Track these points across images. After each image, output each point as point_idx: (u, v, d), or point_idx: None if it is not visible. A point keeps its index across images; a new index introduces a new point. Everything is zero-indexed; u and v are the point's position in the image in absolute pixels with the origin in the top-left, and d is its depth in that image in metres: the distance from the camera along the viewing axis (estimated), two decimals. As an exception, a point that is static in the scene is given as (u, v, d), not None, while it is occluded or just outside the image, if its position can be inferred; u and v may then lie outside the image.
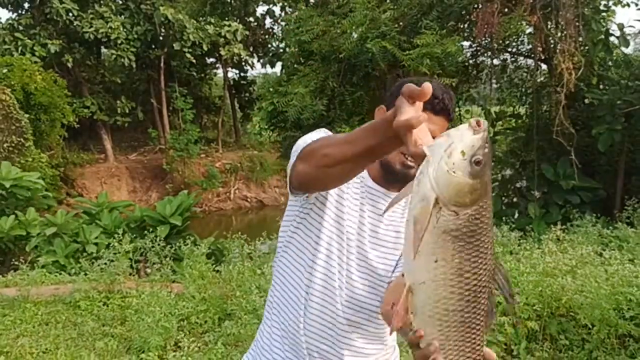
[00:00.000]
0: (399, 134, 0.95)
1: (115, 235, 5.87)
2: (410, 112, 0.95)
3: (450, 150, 0.91)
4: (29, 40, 18.23)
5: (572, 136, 6.88)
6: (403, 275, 1.02)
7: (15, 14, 19.89)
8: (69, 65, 19.40)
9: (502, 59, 9.43)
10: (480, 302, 1.00)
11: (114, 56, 19.80)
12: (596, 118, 7.29)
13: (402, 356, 1.76)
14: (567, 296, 3.94)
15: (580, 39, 7.48)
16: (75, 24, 18.67)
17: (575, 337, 3.96)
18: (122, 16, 19.83)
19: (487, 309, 1.02)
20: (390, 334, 1.19)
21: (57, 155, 17.63)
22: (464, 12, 6.54)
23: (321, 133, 1.40)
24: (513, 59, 9.61)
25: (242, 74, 25.72)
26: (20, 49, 17.89)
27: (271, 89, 8.35)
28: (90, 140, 22.75)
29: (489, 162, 0.94)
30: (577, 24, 6.52)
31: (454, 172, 0.91)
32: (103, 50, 22.96)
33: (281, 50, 18.08)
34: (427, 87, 0.93)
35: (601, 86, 8.42)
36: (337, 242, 1.48)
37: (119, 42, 19.04)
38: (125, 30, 19.34)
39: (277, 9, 21.62)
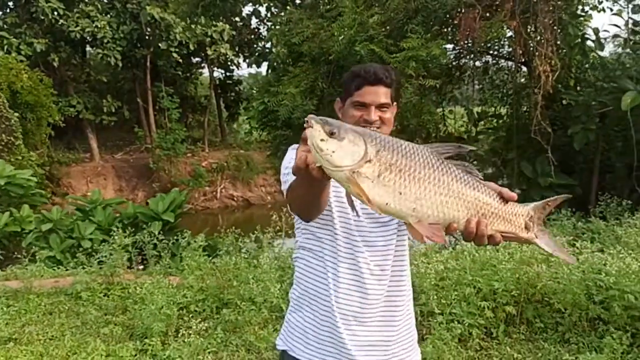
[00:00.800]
0: (302, 175, 1.31)
1: (113, 230, 6.07)
2: (296, 159, 1.30)
3: (318, 148, 1.25)
4: (14, 39, 18.23)
5: (549, 135, 7.23)
6: (406, 223, 1.32)
7: (1, 12, 19.85)
8: (55, 64, 19.41)
9: (484, 61, 9.75)
10: (452, 171, 1.32)
11: (99, 55, 19.83)
12: (572, 118, 7.66)
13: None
14: (542, 283, 4.23)
15: (558, 42, 7.85)
16: (61, 23, 18.69)
17: (549, 321, 4.25)
18: (108, 15, 19.87)
19: (462, 169, 1.34)
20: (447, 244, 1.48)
21: (43, 154, 17.60)
22: (447, 17, 6.85)
23: (294, 152, 1.66)
24: (495, 61, 9.94)
25: (227, 74, 25.90)
26: (6, 47, 17.88)
27: (261, 89, 8.60)
28: (76, 139, 22.74)
29: (335, 122, 1.29)
30: (554, 28, 6.87)
31: (333, 151, 1.23)
32: (88, 49, 22.96)
33: (267, 51, 18.28)
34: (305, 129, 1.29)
35: (578, 88, 8.79)
36: (346, 220, 1.76)
37: (105, 41, 19.11)
38: (111, 29, 19.39)
39: (262, 9, 21.78)
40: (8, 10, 19.93)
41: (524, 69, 9.01)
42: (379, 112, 1.74)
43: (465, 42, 6.57)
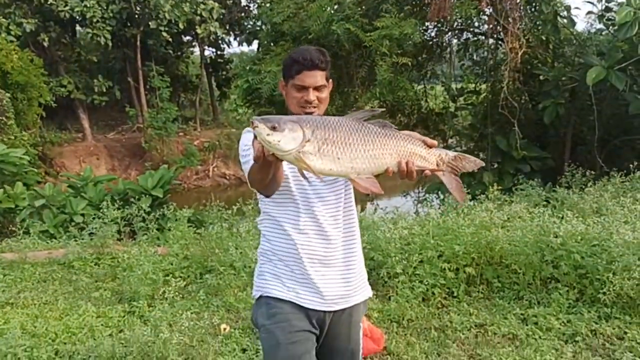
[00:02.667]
0: (260, 162, 1.70)
1: (103, 204, 6.37)
2: (255, 152, 1.67)
3: (266, 141, 1.60)
4: (4, 19, 18.25)
5: (521, 109, 7.53)
6: (350, 179, 1.70)
7: (-11, -7, 19.77)
8: (45, 44, 19.46)
9: (464, 38, 9.97)
10: (372, 130, 1.69)
11: (89, 35, 19.87)
12: (544, 93, 7.96)
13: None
14: (500, 245, 4.57)
15: (533, 20, 8.11)
16: (50, 3, 18.68)
17: (507, 281, 4.59)
18: (97, -6, 19.87)
19: (379, 126, 1.71)
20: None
21: (35, 135, 17.77)
22: (420, -3, 7.08)
23: (249, 135, 2.00)
24: (475, 38, 10.16)
25: (218, 52, 25.92)
26: (-5, 28, 17.95)
27: (247, 68, 8.83)
28: (68, 120, 22.88)
29: (274, 118, 1.63)
30: (521, 8, 7.13)
31: (279, 141, 1.59)
32: (78, 28, 22.94)
33: (257, 29, 18.38)
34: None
35: (556, 64, 9.05)
36: (302, 184, 2.07)
37: (94, 20, 19.13)
38: (100, 8, 19.38)
39: (252, -13, 21.84)
40: (-4, -9, 19.86)
41: (503, 45, 9.24)
42: (317, 92, 2.05)
43: (437, 21, 6.81)
